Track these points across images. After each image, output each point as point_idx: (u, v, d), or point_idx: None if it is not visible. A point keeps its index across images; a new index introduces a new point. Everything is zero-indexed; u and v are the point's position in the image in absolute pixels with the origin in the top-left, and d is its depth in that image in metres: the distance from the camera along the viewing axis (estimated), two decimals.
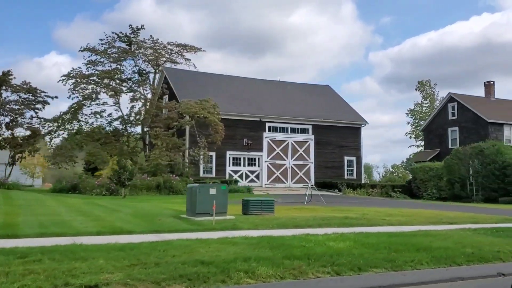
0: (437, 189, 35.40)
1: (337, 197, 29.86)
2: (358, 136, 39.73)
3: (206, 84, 37.00)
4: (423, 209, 18.48)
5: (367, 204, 23.06)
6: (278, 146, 36.29)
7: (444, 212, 16.97)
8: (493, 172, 30.86)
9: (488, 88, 42.20)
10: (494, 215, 15.82)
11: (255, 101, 36.74)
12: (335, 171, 38.32)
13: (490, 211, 18.50)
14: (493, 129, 36.42)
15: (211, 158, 33.62)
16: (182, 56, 33.33)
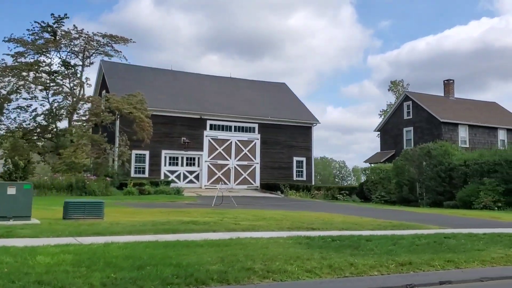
0: (386, 192, 33.61)
1: (270, 199, 27.87)
2: (309, 136, 37.80)
3: (145, 79, 34.96)
4: (327, 213, 16.52)
5: (287, 207, 21.09)
6: (221, 145, 34.27)
7: (340, 216, 15.01)
8: (439, 174, 29.04)
9: (447, 87, 40.46)
10: (396, 221, 13.89)
11: (197, 97, 34.72)
12: (283, 172, 36.36)
13: (407, 217, 16.57)
14: (447, 129, 34.62)
15: (144, 157, 31.59)
16: (112, 48, 31.25)
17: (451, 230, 11.39)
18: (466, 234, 10.53)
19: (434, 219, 16.02)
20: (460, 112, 36.52)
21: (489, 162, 26.14)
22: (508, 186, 24.85)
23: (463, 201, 26.18)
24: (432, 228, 12.13)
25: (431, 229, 11.87)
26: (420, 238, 9.44)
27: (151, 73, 36.57)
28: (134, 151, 31.05)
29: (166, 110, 32.25)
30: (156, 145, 31.98)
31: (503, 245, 9.18)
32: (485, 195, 25.20)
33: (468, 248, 8.67)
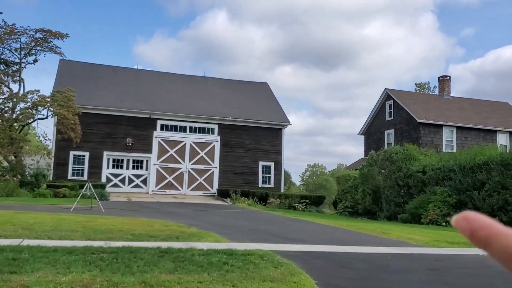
0: (354, 201, 29.59)
1: (197, 205, 24.78)
2: (279, 138, 34.32)
3: (99, 77, 33.18)
4: (176, 223, 13.42)
5: (167, 215, 18.11)
6: (173, 148, 31.68)
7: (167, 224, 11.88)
8: (397, 182, 24.78)
9: (442, 84, 35.53)
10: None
11: (148, 96, 32.38)
12: (246, 178, 33.12)
13: (266, 227, 13.11)
14: (427, 131, 29.93)
15: (83, 159, 29.66)
16: (48, 43, 29.67)
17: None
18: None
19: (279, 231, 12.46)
20: (449, 112, 31.61)
21: (444, 168, 21.68)
22: (460, 197, 20.35)
23: (412, 214, 21.90)
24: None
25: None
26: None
27: (110, 72, 34.78)
28: (72, 152, 29.27)
29: (110, 109, 30.21)
30: (97, 146, 30.02)
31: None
32: (434, 207, 20.82)
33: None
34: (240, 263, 7.12)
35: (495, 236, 0.43)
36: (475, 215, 0.46)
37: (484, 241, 0.44)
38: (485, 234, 0.44)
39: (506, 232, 0.43)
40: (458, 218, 0.47)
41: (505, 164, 18.57)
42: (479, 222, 0.45)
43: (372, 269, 7.79)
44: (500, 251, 0.42)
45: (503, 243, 0.42)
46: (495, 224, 0.45)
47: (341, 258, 8.68)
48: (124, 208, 20.63)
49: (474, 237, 0.45)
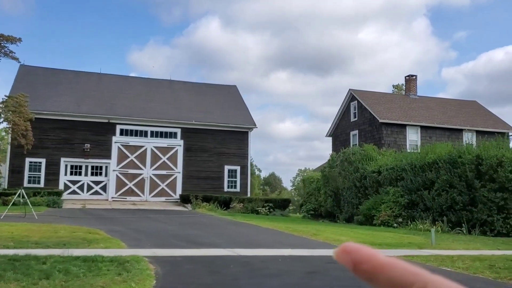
0: (318, 204, 29.03)
1: (149, 211, 24.09)
2: (245, 141, 33.70)
3: (58, 82, 32.44)
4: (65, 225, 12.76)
5: (92, 220, 17.44)
6: (133, 153, 30.97)
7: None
8: (355, 183, 24.24)
9: (408, 83, 35.16)
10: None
11: (107, 100, 31.68)
12: (212, 183, 32.45)
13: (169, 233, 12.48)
14: (390, 131, 29.44)
15: (39, 166, 28.89)
16: (2, 48, 28.93)
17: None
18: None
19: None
20: (413, 112, 31.17)
21: (397, 168, 21.17)
22: (412, 197, 19.82)
23: (365, 215, 21.35)
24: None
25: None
26: None
27: (71, 77, 34.04)
28: (27, 159, 28.49)
29: (67, 114, 29.48)
30: (54, 152, 29.27)
31: None
32: (386, 208, 20.29)
33: None
34: (84, 270, 6.49)
35: (379, 269, 0.41)
36: (357, 247, 0.44)
37: (369, 275, 0.42)
38: (368, 267, 0.41)
39: (390, 263, 0.41)
40: (338, 251, 0.44)
41: (452, 163, 18.08)
42: (361, 254, 0.42)
43: (243, 273, 7.18)
44: (385, 284, 0.40)
45: (388, 275, 0.40)
46: (377, 255, 0.42)
47: (222, 262, 8.07)
48: (66, 215, 19.90)
49: (358, 270, 0.42)
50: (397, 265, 0.41)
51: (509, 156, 16.74)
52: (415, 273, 0.40)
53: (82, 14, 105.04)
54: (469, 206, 17.30)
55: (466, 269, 8.16)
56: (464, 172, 17.43)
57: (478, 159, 17.27)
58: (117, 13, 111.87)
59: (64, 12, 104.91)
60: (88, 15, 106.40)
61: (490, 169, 16.75)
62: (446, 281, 0.39)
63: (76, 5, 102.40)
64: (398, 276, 0.40)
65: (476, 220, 17.00)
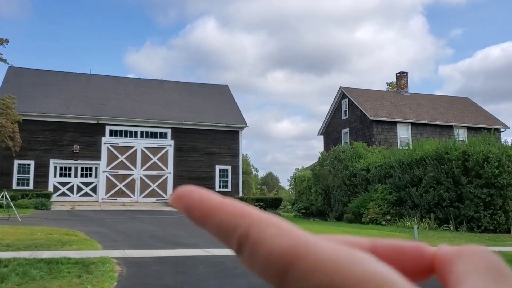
0: (309, 202, 28.89)
1: (137, 212, 23.90)
2: (236, 141, 33.54)
3: (47, 83, 32.21)
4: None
5: (67, 222, 17.27)
6: (123, 154, 30.76)
7: None
8: (344, 181, 24.12)
9: (399, 80, 35.06)
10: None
11: (96, 101, 31.45)
12: (203, 183, 32.17)
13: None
14: (380, 129, 29.32)
15: (28, 168, 28.69)
16: None
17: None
18: None
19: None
20: (404, 109, 31.05)
21: (385, 165, 21.05)
22: (400, 194, 19.71)
23: (354, 213, 21.23)
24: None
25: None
26: None
27: (60, 78, 33.81)
28: (16, 161, 28.27)
29: (55, 115, 29.25)
30: (43, 154, 29.05)
31: None
32: (374, 205, 20.16)
33: None
34: (43, 272, 6.33)
35: (208, 213, 0.36)
36: (190, 190, 0.38)
37: (201, 221, 0.37)
38: (198, 214, 0.36)
39: (220, 207, 0.36)
40: (173, 197, 0.38)
41: (439, 159, 17.96)
42: (192, 198, 0.37)
43: (210, 274, 7.03)
44: (214, 231, 0.36)
45: (216, 220, 0.36)
46: (210, 199, 0.37)
47: (193, 262, 7.92)
48: (52, 217, 19.70)
49: (191, 218, 0.37)
50: (226, 208, 0.36)
51: (496, 152, 16.63)
52: (242, 214, 0.35)
53: (78, 16, 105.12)
54: (456, 202, 17.19)
55: None
56: (450, 168, 17.31)
57: (464, 155, 17.16)
58: (113, 15, 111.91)
59: (61, 14, 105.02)
60: (85, 17, 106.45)
61: (476, 165, 16.63)
62: (276, 220, 0.34)
63: (73, 7, 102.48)
64: (226, 220, 0.35)
65: (463, 216, 16.89)
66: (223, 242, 0.36)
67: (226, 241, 0.35)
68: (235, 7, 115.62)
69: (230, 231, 0.34)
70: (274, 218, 0.34)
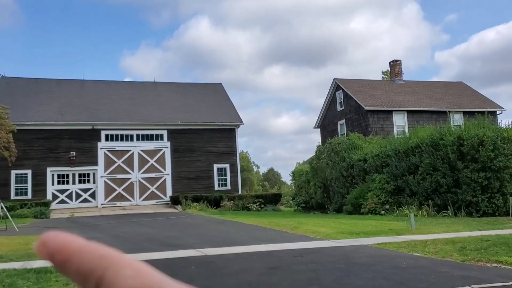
0: (308, 196, 28.81)
1: (137, 216, 23.84)
2: (233, 139, 33.44)
3: (40, 92, 32.11)
4: None
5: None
6: (120, 158, 30.69)
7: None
8: (342, 173, 24.04)
9: (393, 68, 34.94)
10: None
11: (90, 106, 31.35)
12: (202, 182, 32.20)
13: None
14: (376, 118, 29.23)
15: (25, 177, 28.63)
16: None
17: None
18: None
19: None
20: (399, 97, 30.95)
21: (382, 154, 20.97)
22: (397, 183, 19.64)
23: (353, 204, 21.17)
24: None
25: None
26: None
27: (53, 85, 33.71)
28: (13, 171, 28.20)
29: (50, 123, 29.17)
30: (40, 162, 28.98)
31: None
32: (373, 195, 20.10)
33: None
34: (31, 282, 6.27)
35: (69, 257, 0.35)
36: (56, 235, 0.37)
37: (62, 266, 0.36)
38: (60, 258, 0.36)
39: (81, 250, 0.36)
40: (38, 243, 0.38)
41: (434, 145, 17.88)
42: (56, 243, 0.37)
43: (201, 274, 6.97)
44: (74, 276, 0.35)
45: (76, 263, 0.35)
46: (73, 243, 0.36)
47: (185, 263, 7.85)
48: (50, 225, 19.65)
49: (54, 263, 0.37)
50: (87, 251, 0.36)
51: (490, 135, 16.54)
52: (101, 257, 0.35)
53: (71, 23, 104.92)
54: (453, 188, 17.11)
55: (436, 253, 7.96)
56: (446, 154, 17.23)
57: (459, 140, 17.07)
58: (106, 19, 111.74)
59: (54, 21, 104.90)
60: (78, 23, 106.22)
61: (471, 149, 16.55)
62: (133, 262, 0.34)
63: (65, 15, 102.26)
64: (85, 263, 0.35)
65: (461, 201, 16.82)
66: (81, 285, 0.34)
67: (85, 286, 0.34)
68: (228, 4, 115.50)
69: (88, 274, 0.34)
70: (132, 261, 0.34)
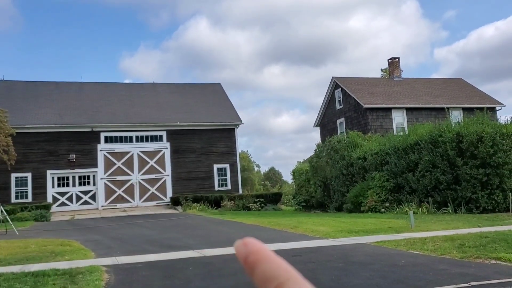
0: (309, 195, 28.79)
1: (137, 217, 23.82)
2: (232, 139, 33.43)
3: (39, 95, 32.12)
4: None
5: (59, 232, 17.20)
6: (119, 159, 30.68)
7: None
8: (342, 171, 24.02)
9: (392, 66, 34.90)
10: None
11: (89, 109, 31.35)
12: (202, 183, 32.19)
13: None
14: (375, 116, 29.21)
15: (25, 180, 28.63)
16: None
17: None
18: None
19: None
20: (398, 95, 30.91)
21: (381, 152, 20.95)
22: (397, 180, 19.62)
23: (353, 202, 21.15)
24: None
25: None
26: None
27: (52, 88, 33.70)
28: (13, 174, 28.21)
29: (49, 126, 29.17)
30: (40, 165, 28.99)
31: None
32: (373, 193, 20.07)
33: None
34: (28, 285, 6.26)
35: (260, 261, 0.45)
36: (255, 241, 0.48)
37: (252, 266, 0.46)
38: (253, 258, 0.46)
39: (270, 258, 0.46)
40: (239, 243, 0.49)
41: (433, 142, 17.86)
42: (253, 247, 0.47)
43: (198, 275, 6.95)
44: (258, 276, 0.45)
45: (262, 268, 0.45)
46: (266, 251, 0.47)
47: (183, 265, 7.84)
48: (50, 228, 19.65)
49: (246, 262, 0.47)
50: (275, 261, 0.45)
51: (489, 131, 16.52)
52: (286, 270, 0.45)
53: (70, 25, 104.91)
54: (453, 185, 17.09)
55: (434, 251, 7.94)
56: (445, 151, 17.20)
57: (458, 136, 17.05)
58: (104, 21, 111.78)
59: (52, 24, 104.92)
60: (76, 25, 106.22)
61: (470, 146, 16.53)
62: (306, 283, 0.44)
63: (64, 17, 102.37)
64: (272, 269, 0.45)
65: (461, 198, 16.79)
66: (260, 287, 0.45)
67: (263, 287, 0.45)
68: (226, 4, 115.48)
69: (271, 278, 0.44)
70: (305, 281, 0.45)
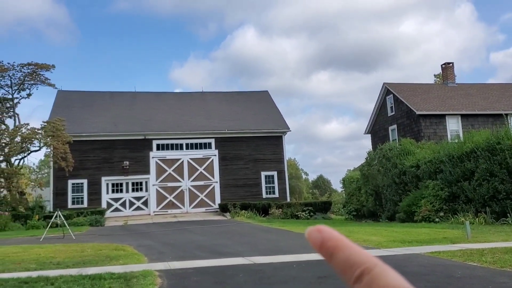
0: (360, 204, 28.28)
1: (188, 223, 24.18)
2: (280, 146, 33.40)
3: (94, 104, 33.44)
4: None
5: (120, 237, 17.65)
6: (170, 166, 31.36)
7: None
8: (394, 180, 23.45)
9: (445, 71, 33.77)
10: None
11: (141, 117, 32.29)
12: (250, 190, 32.33)
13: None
14: (429, 123, 28.30)
15: (81, 187, 29.78)
16: (38, 75, 30.17)
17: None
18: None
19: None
20: (452, 101, 29.86)
21: (435, 160, 20.28)
22: (452, 189, 18.90)
23: (406, 212, 20.56)
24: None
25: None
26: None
27: (107, 97, 35.02)
28: (70, 181, 29.44)
29: (104, 134, 30.27)
30: (95, 172, 30.10)
31: None
32: (426, 202, 19.44)
33: None
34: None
35: (341, 247, 0.47)
36: (329, 228, 0.49)
37: (331, 251, 0.47)
38: (332, 244, 0.47)
39: (351, 246, 0.47)
40: (311, 229, 0.50)
41: (491, 150, 17.10)
42: (329, 234, 0.49)
43: (249, 282, 6.95)
44: (341, 262, 0.46)
45: (345, 254, 0.46)
46: (343, 238, 0.48)
47: (233, 271, 7.87)
48: (105, 233, 20.30)
49: (323, 247, 0.48)
50: (356, 248, 0.47)
51: None
52: (369, 255, 0.46)
53: (123, 38, 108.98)
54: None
55: (494, 263, 7.56)
56: (504, 159, 16.42)
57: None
58: (156, 34, 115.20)
59: (107, 37, 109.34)
60: (129, 38, 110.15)
61: None
62: (393, 271, 0.44)
63: (118, 30, 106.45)
64: (354, 256, 0.45)
65: None
66: (342, 272, 0.46)
67: (347, 272, 0.45)
68: (273, 13, 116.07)
69: (356, 264, 0.45)
70: (392, 269, 0.45)
